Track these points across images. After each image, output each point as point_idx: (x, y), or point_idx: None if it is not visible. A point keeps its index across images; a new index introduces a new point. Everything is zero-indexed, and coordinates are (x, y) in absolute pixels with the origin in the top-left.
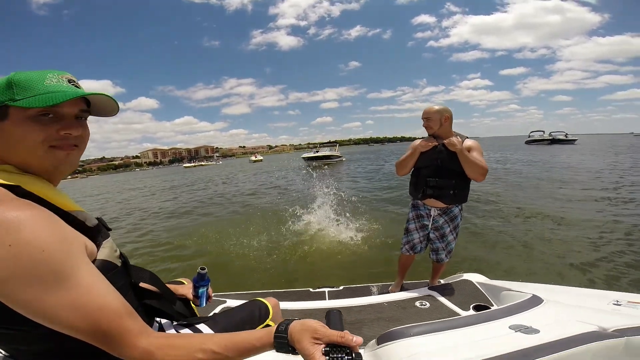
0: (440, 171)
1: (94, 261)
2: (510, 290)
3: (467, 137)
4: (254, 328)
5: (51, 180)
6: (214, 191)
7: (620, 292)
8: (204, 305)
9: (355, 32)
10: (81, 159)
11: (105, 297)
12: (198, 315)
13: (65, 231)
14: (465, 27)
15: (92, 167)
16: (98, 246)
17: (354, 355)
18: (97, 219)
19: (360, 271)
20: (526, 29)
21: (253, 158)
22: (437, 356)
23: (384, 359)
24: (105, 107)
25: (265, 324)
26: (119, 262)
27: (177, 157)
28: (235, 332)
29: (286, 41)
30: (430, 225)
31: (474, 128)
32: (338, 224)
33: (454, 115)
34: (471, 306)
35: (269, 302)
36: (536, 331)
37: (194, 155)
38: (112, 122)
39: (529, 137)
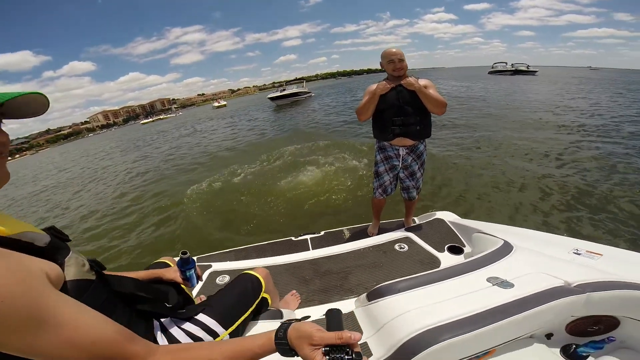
0: (403, 110)
1: (65, 284)
2: (481, 232)
3: (418, 77)
4: (250, 304)
5: None
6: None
7: (579, 240)
8: (195, 284)
9: None
10: (23, 135)
11: (94, 329)
12: (190, 293)
13: (19, 268)
14: None
15: (39, 141)
16: (62, 266)
17: (354, 355)
18: (50, 229)
19: (337, 213)
20: None
21: (216, 104)
22: (425, 315)
23: (376, 315)
24: (31, 105)
25: (260, 297)
26: (92, 276)
27: (131, 115)
28: (238, 339)
29: None
30: (399, 165)
31: (438, 59)
32: (312, 167)
33: (419, 47)
34: (446, 247)
35: (259, 274)
36: (511, 285)
37: (149, 110)
38: (47, 92)
39: (493, 67)
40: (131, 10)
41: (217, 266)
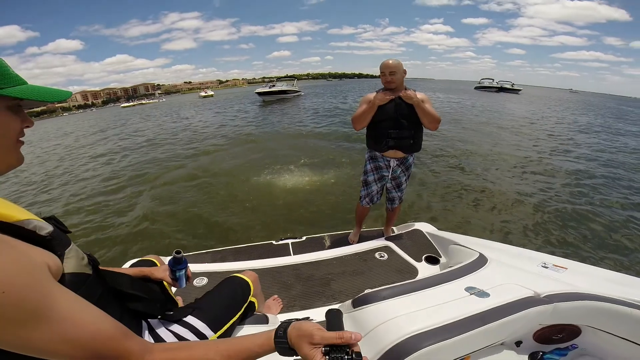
0: (399, 123)
1: (62, 277)
2: (456, 244)
3: (415, 90)
4: (239, 308)
5: None
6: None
7: (545, 254)
8: (184, 286)
9: None
10: None
11: (93, 324)
12: (173, 296)
13: (21, 258)
14: None
15: None
16: (61, 257)
17: (354, 355)
18: (51, 219)
19: (321, 217)
20: None
21: (203, 93)
22: (409, 322)
23: (360, 322)
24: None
25: (248, 301)
26: (89, 270)
27: (112, 98)
28: (236, 338)
29: None
30: (389, 176)
31: (429, 70)
32: (294, 170)
33: (412, 56)
34: (423, 257)
35: (248, 277)
36: (487, 295)
37: (132, 94)
38: (25, 69)
39: (479, 83)
40: None
41: (194, 267)
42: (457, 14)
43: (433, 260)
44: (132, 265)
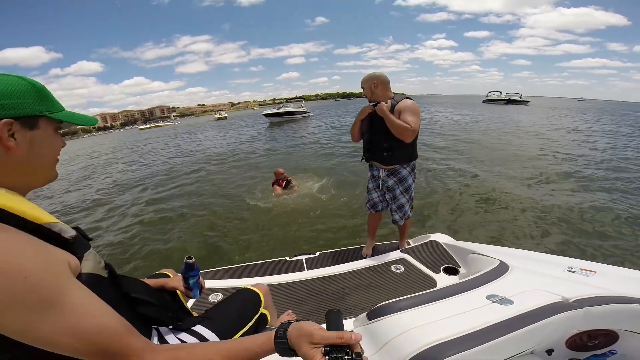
0: (373, 135)
1: (79, 276)
2: (476, 253)
3: (407, 98)
4: (249, 319)
5: (24, 191)
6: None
7: (571, 259)
8: (198, 296)
9: None
10: None
11: (101, 318)
12: (187, 307)
13: (45, 252)
14: None
15: None
16: (80, 259)
17: (354, 355)
18: (75, 228)
19: (331, 233)
20: None
21: (217, 116)
22: (428, 332)
23: (376, 334)
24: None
25: (258, 313)
26: (105, 273)
27: (129, 120)
28: (237, 339)
29: None
30: (381, 186)
31: (436, 86)
32: (305, 186)
33: (418, 73)
34: (441, 268)
35: (259, 290)
36: (510, 302)
37: (148, 116)
38: (50, 90)
39: (487, 96)
40: (147, 13)
41: (209, 283)
42: (459, 28)
43: (452, 271)
44: (149, 278)
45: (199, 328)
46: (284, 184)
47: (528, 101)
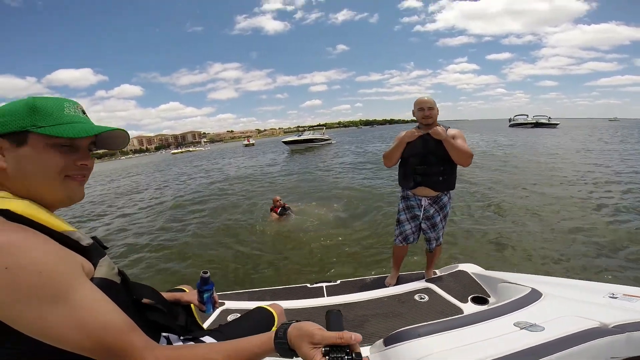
0: (427, 159)
1: (91, 279)
2: (506, 282)
3: (449, 127)
4: None
5: (52, 208)
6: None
7: (614, 285)
8: (212, 311)
9: (342, 16)
10: None
11: (108, 314)
12: (200, 322)
13: (60, 252)
14: (451, 13)
15: None
16: (95, 265)
17: (354, 355)
18: (92, 237)
19: (354, 263)
20: (514, 15)
21: (246, 142)
22: (450, 357)
23: (394, 359)
24: (116, 139)
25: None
26: (117, 279)
27: (163, 144)
28: (237, 339)
29: (272, 26)
30: (421, 216)
31: (461, 111)
32: (326, 216)
33: (442, 98)
34: (469, 298)
35: (274, 309)
36: (541, 328)
37: (180, 141)
38: (94, 111)
39: (513, 120)
40: (184, 40)
41: (230, 305)
42: (480, 51)
43: (481, 300)
44: (166, 292)
45: (207, 339)
46: (279, 210)
47: (557, 124)
